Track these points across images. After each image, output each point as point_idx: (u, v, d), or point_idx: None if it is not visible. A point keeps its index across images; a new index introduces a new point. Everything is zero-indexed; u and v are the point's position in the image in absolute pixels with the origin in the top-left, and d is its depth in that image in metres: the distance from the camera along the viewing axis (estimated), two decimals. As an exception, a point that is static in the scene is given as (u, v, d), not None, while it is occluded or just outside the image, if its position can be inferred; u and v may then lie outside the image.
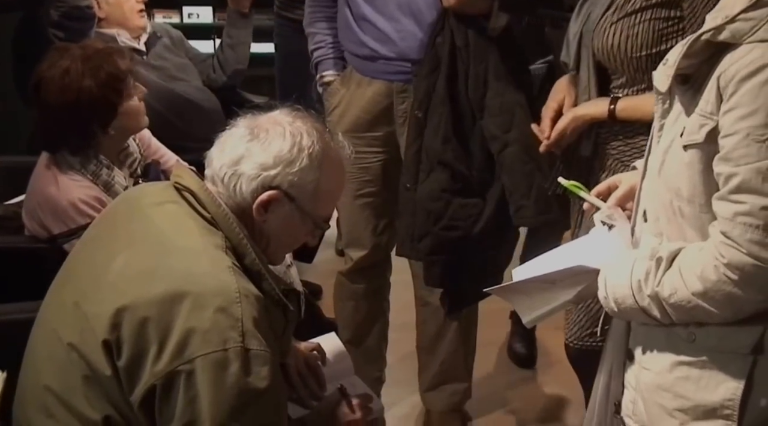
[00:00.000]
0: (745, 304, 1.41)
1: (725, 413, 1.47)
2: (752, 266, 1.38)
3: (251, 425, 1.50)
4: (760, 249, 1.37)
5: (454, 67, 2.39)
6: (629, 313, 1.54)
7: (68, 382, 1.53)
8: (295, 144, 1.62)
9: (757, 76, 1.36)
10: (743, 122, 1.37)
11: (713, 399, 1.47)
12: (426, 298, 2.76)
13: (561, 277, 1.62)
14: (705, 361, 1.48)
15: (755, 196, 1.37)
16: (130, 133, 2.38)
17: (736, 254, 1.39)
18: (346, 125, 2.60)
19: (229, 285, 1.51)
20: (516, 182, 2.42)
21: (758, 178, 1.36)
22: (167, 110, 3.02)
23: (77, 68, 2.21)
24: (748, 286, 1.39)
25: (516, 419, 2.96)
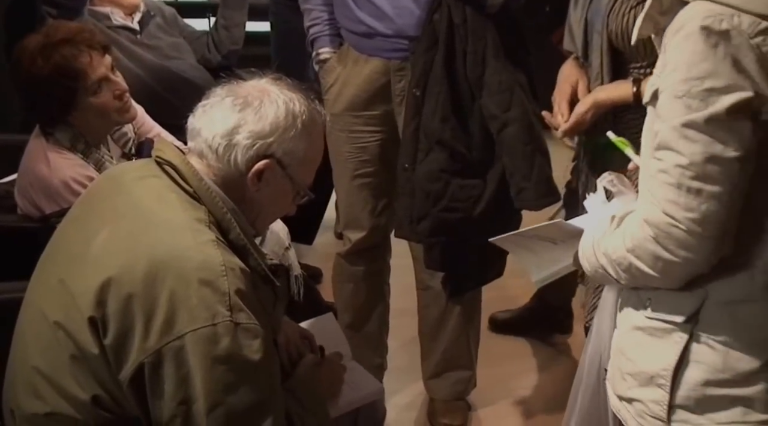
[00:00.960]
0: (670, 266, 1.39)
1: (660, 382, 1.48)
2: (667, 224, 1.37)
3: (248, 399, 1.48)
4: (673, 207, 1.36)
5: (452, 44, 2.34)
6: (596, 273, 1.55)
7: (56, 362, 1.52)
8: (289, 111, 1.60)
9: (680, 31, 1.34)
10: (668, 78, 1.36)
11: (653, 367, 1.48)
12: (427, 282, 2.70)
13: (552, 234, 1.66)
14: (653, 328, 1.49)
15: (671, 153, 1.36)
16: (108, 126, 2.33)
17: (654, 211, 1.38)
18: (342, 104, 2.55)
19: (213, 258, 1.49)
20: (516, 163, 2.37)
21: (674, 134, 1.35)
22: (162, 88, 2.98)
23: (33, 50, 2.19)
24: (666, 243, 1.38)
25: (522, 409, 2.90)
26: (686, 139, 1.33)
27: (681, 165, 1.34)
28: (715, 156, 1.32)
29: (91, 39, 2.24)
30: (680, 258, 1.37)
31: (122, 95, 2.28)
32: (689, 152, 1.33)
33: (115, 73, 2.28)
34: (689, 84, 1.32)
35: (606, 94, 2.10)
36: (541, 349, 3.22)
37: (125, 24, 2.99)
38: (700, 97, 1.31)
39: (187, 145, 1.65)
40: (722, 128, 1.31)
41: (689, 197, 1.34)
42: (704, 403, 1.45)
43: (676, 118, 1.33)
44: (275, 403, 1.54)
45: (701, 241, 1.35)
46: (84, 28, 2.31)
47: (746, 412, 1.42)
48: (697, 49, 1.32)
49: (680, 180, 1.34)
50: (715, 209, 1.33)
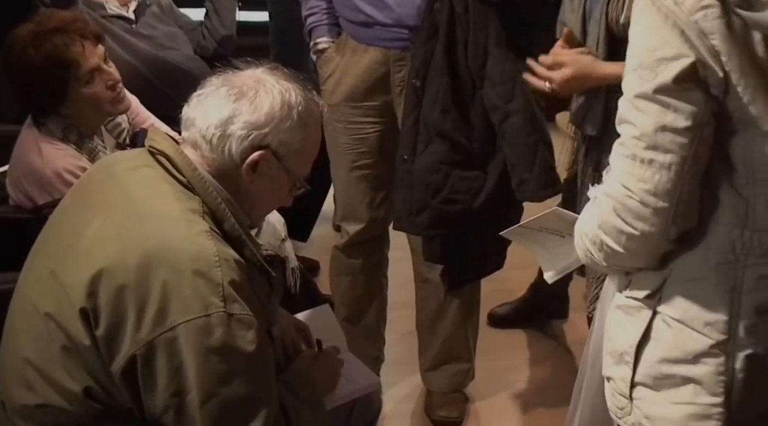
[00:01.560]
0: (630, 240, 1.39)
1: (626, 359, 1.49)
2: (623, 196, 1.38)
3: (242, 391, 1.47)
4: (628, 178, 1.37)
5: (453, 34, 2.30)
6: (587, 259, 1.54)
7: (47, 354, 1.50)
8: (285, 101, 1.58)
9: (637, 6, 1.36)
10: (628, 53, 1.38)
11: (623, 344, 1.50)
12: (425, 275, 2.68)
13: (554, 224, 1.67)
14: (627, 306, 1.50)
15: (627, 125, 1.38)
16: (101, 117, 2.30)
17: (613, 183, 1.39)
18: (341, 95, 2.51)
19: (207, 249, 1.47)
20: (518, 155, 2.34)
21: (628, 107, 1.36)
22: (157, 79, 2.94)
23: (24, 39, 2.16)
24: (624, 215, 1.38)
25: (520, 401, 2.88)
26: (638, 110, 1.34)
27: (635, 136, 1.35)
28: (665, 126, 1.33)
29: (84, 28, 2.21)
30: (638, 230, 1.38)
31: (115, 86, 2.24)
32: (641, 123, 1.34)
33: (108, 64, 2.25)
34: (642, 56, 1.34)
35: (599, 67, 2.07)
36: (539, 341, 3.20)
37: (120, 13, 2.95)
38: (650, 68, 1.32)
39: (181, 135, 1.62)
40: (671, 97, 1.32)
41: (642, 168, 1.35)
42: (660, 380, 1.46)
43: (631, 90, 1.35)
44: (269, 395, 1.53)
45: (655, 213, 1.36)
46: (77, 17, 2.28)
47: (697, 393, 1.43)
48: (649, 22, 1.33)
49: (634, 151, 1.35)
50: (667, 179, 1.34)
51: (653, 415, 1.47)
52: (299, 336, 2.00)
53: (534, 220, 1.66)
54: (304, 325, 2.03)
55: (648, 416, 1.48)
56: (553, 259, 1.71)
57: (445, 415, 2.74)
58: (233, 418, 1.47)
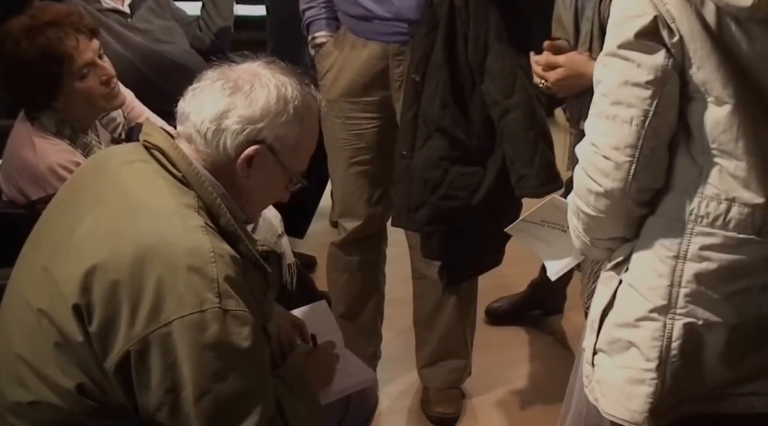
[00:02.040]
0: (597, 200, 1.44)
1: (594, 327, 1.55)
2: (591, 152, 1.43)
3: (236, 387, 1.46)
4: (594, 134, 1.43)
5: (453, 28, 2.28)
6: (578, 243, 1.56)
7: (40, 350, 1.49)
8: (281, 96, 1.56)
9: None
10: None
11: (594, 313, 1.55)
12: (423, 271, 2.66)
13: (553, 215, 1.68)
14: (605, 278, 1.54)
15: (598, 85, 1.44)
16: (95, 112, 2.27)
17: (584, 142, 1.46)
18: (339, 90, 2.49)
19: (202, 244, 1.45)
20: (518, 150, 2.32)
21: (599, 66, 1.43)
22: (153, 73, 2.91)
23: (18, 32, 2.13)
24: (592, 173, 1.43)
25: (517, 398, 2.87)
26: (606, 67, 1.41)
27: (603, 94, 1.41)
28: (627, 80, 1.37)
29: (79, 22, 2.18)
30: (602, 187, 1.42)
31: (109, 81, 2.22)
32: (607, 79, 1.40)
33: (103, 58, 2.22)
34: (614, 17, 1.40)
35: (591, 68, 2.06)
36: (536, 337, 3.19)
37: (115, 7, 2.92)
38: (618, 26, 1.39)
39: (177, 129, 1.61)
40: (634, 52, 1.36)
41: (606, 123, 1.40)
42: (612, 345, 1.51)
43: (603, 51, 1.42)
44: (264, 391, 1.52)
45: (617, 167, 1.40)
46: (72, 10, 2.25)
47: (634, 357, 1.47)
48: None
49: (601, 108, 1.41)
50: (628, 133, 1.38)
51: (602, 379, 1.51)
52: (295, 332, 1.99)
53: (534, 212, 1.67)
54: (300, 322, 2.01)
55: (599, 381, 1.52)
56: (556, 256, 1.71)
57: (441, 412, 2.73)
58: (228, 414, 1.46)
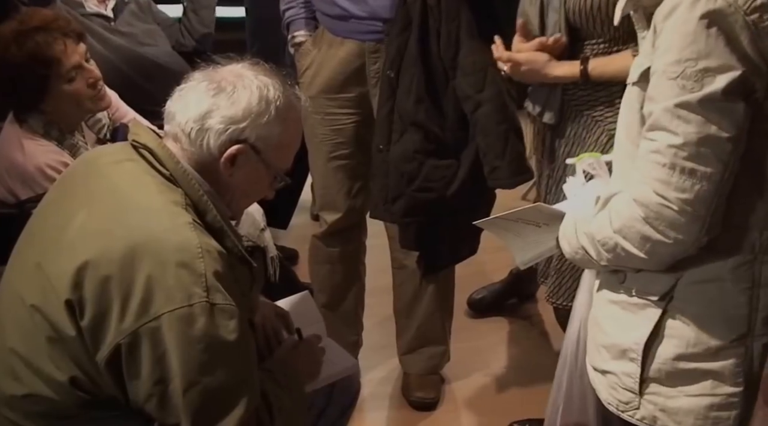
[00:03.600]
0: (658, 246, 1.41)
1: (632, 356, 1.51)
2: (657, 204, 1.38)
3: (223, 379, 1.50)
4: (665, 187, 1.37)
5: (426, 25, 2.36)
6: (577, 254, 1.56)
7: (33, 345, 1.53)
8: (263, 97, 1.60)
9: (674, 13, 1.35)
10: (661, 59, 1.37)
11: (626, 340, 1.52)
12: (402, 261, 2.74)
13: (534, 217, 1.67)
14: (627, 302, 1.52)
15: (664, 133, 1.37)
16: (82, 114, 2.33)
17: (644, 191, 1.39)
18: (318, 87, 2.57)
19: (190, 240, 1.50)
20: (490, 143, 2.39)
21: (667, 115, 1.36)
22: (137, 74, 2.97)
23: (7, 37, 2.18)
24: (656, 224, 1.39)
25: (495, 382, 2.96)
26: (680, 119, 1.34)
27: (674, 145, 1.34)
28: (709, 136, 1.33)
29: (66, 27, 2.24)
30: (670, 239, 1.39)
31: (96, 83, 2.28)
32: (683, 132, 1.34)
33: (90, 62, 2.28)
34: (683, 65, 1.33)
35: (551, 70, 2.11)
36: (513, 323, 3.28)
37: (99, 11, 2.99)
38: (694, 78, 1.32)
39: (164, 128, 1.66)
40: (717, 109, 1.33)
41: (682, 177, 1.35)
42: (675, 376, 1.49)
43: (670, 99, 1.34)
44: (250, 382, 1.56)
45: (692, 222, 1.37)
46: (59, 15, 2.31)
47: (716, 385, 1.47)
48: (689, 29, 1.32)
49: (673, 160, 1.35)
50: (707, 189, 1.35)
51: (671, 408, 1.50)
52: (280, 322, 2.04)
53: (513, 212, 1.67)
54: (285, 312, 2.07)
55: (665, 409, 1.50)
56: (526, 247, 1.72)
57: (421, 396, 2.81)
58: (215, 405, 1.51)
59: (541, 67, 2.11)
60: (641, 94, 1.44)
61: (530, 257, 1.74)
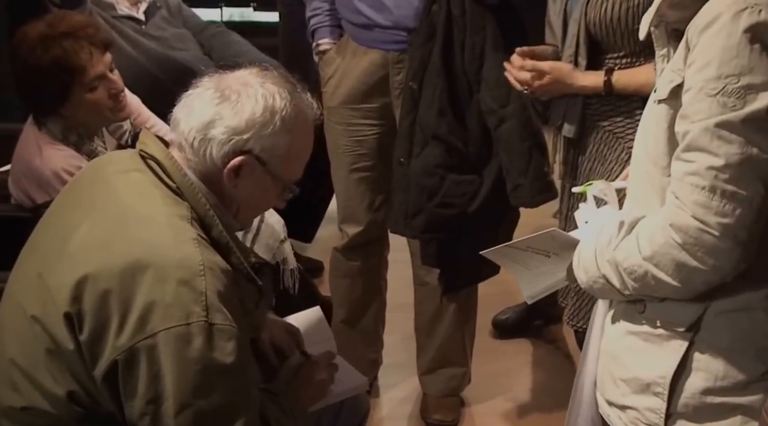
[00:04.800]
0: (694, 273, 1.33)
1: (657, 390, 1.43)
2: (696, 230, 1.30)
3: (218, 402, 1.46)
4: (704, 212, 1.29)
5: (450, 36, 2.31)
6: (596, 283, 1.48)
7: (32, 356, 1.50)
8: (268, 107, 1.55)
9: (713, 25, 1.28)
10: (698, 75, 1.29)
11: (649, 374, 1.44)
12: (423, 278, 2.68)
13: (546, 245, 1.59)
14: (649, 333, 1.44)
15: (703, 154, 1.29)
16: (100, 122, 2.31)
17: (681, 216, 1.31)
18: (340, 97, 2.53)
19: (192, 257, 1.46)
20: (513, 160, 2.33)
21: (706, 135, 1.28)
22: (168, 78, 2.94)
23: (33, 39, 2.17)
24: (694, 251, 1.31)
25: (516, 406, 2.87)
26: (721, 139, 1.26)
27: (715, 167, 1.27)
28: (751, 157, 1.27)
29: (94, 35, 2.22)
30: (708, 266, 1.31)
31: (118, 95, 2.26)
32: (725, 153, 1.26)
33: (113, 72, 2.26)
34: (724, 81, 1.26)
35: (575, 79, 2.06)
36: (536, 345, 3.19)
37: (130, 14, 2.97)
38: (736, 95, 1.26)
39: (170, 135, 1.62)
40: (760, 127, 1.26)
41: (723, 201, 1.28)
42: (703, 410, 1.41)
43: (710, 117, 1.28)
44: (247, 406, 1.51)
45: (733, 248, 1.29)
46: (89, 22, 2.28)
47: (745, 421, 1.39)
48: (730, 43, 1.26)
49: (714, 183, 1.27)
50: (748, 213, 1.28)
51: None
52: (290, 338, 1.99)
53: (524, 239, 1.59)
54: (295, 328, 2.01)
55: None
56: (535, 280, 1.65)
57: (440, 419, 2.74)
58: None
59: (565, 75, 2.06)
60: (670, 112, 1.37)
61: (539, 290, 1.66)
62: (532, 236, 1.57)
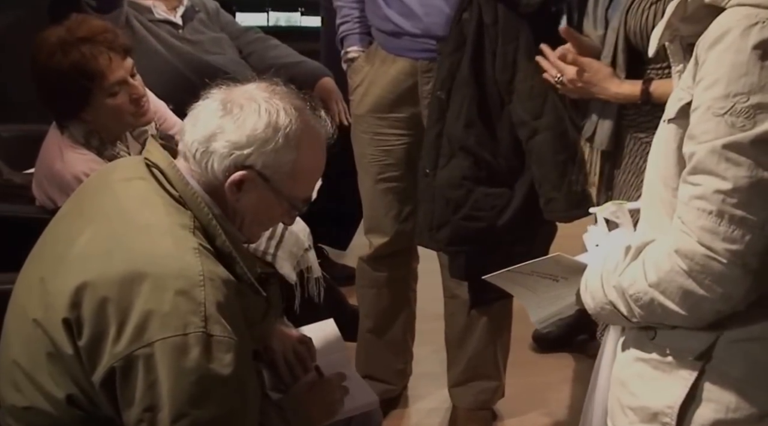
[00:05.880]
0: (702, 302, 1.26)
1: (665, 420, 1.36)
2: (703, 256, 1.23)
3: (214, 413, 1.45)
4: (711, 237, 1.22)
5: (481, 45, 2.24)
6: (603, 310, 1.42)
7: (34, 359, 1.52)
8: (271, 123, 1.53)
9: (721, 41, 1.21)
10: (706, 94, 1.22)
11: (657, 403, 1.37)
12: (453, 290, 2.62)
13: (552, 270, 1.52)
14: (658, 361, 1.37)
15: (710, 177, 1.22)
16: (122, 127, 2.29)
17: (687, 242, 1.24)
18: (367, 105, 2.48)
19: (192, 267, 1.45)
20: (545, 173, 2.26)
21: (713, 157, 1.21)
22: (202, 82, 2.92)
23: (53, 43, 2.16)
24: (701, 278, 1.24)
25: (551, 423, 2.80)
26: (729, 162, 1.20)
27: (722, 191, 1.21)
28: (762, 180, 1.20)
29: (113, 41, 2.20)
30: (716, 295, 1.25)
31: (139, 100, 2.24)
32: (733, 176, 1.21)
33: (135, 78, 2.25)
34: (732, 100, 1.20)
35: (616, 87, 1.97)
36: (580, 360, 3.10)
37: (167, 18, 2.97)
38: (745, 115, 1.19)
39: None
40: None
41: (731, 227, 1.22)
42: None
43: (718, 138, 1.21)
44: (243, 418, 1.50)
45: (742, 276, 1.23)
46: (107, 27, 2.26)
47: None
48: (740, 60, 1.19)
49: (721, 207, 1.21)
50: (758, 240, 1.21)
51: None
52: (302, 348, 1.96)
53: (528, 264, 1.53)
54: (307, 338, 1.99)
55: None
56: (543, 304, 1.58)
57: (468, 433, 2.67)
58: None
59: (602, 78, 1.98)
60: (679, 132, 1.30)
61: (547, 315, 1.59)
62: (536, 261, 1.52)
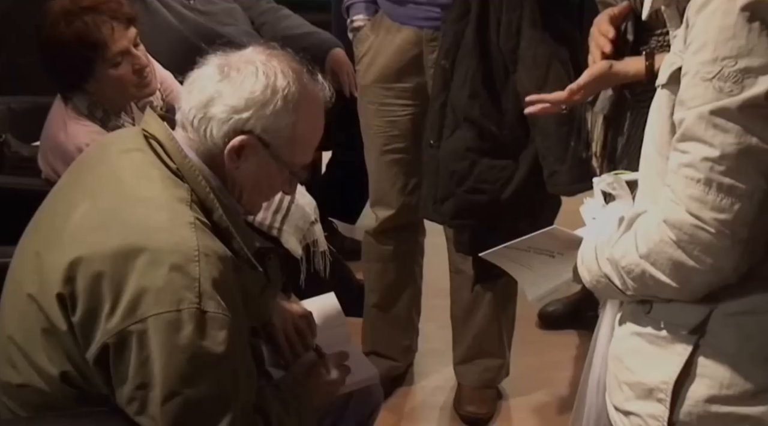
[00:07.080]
0: (692, 274, 1.23)
1: (659, 396, 1.33)
2: (691, 226, 1.20)
3: (206, 392, 1.43)
4: (699, 206, 1.19)
5: (485, 13, 2.19)
6: (599, 283, 1.39)
7: (29, 334, 1.50)
8: (269, 85, 1.51)
9: (710, 4, 1.17)
10: (694, 58, 1.18)
11: (652, 378, 1.34)
12: (458, 265, 2.59)
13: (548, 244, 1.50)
14: (654, 335, 1.34)
15: (698, 144, 1.19)
16: (125, 98, 2.27)
17: (676, 211, 1.22)
18: (373, 75, 2.45)
19: (187, 242, 1.43)
20: (549, 145, 2.21)
21: (701, 123, 1.18)
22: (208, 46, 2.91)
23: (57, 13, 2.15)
24: (690, 249, 1.21)
25: (556, 401, 2.76)
26: (717, 128, 1.18)
27: (710, 158, 1.18)
28: (750, 148, 1.17)
29: (117, 9, 2.18)
30: (706, 266, 1.22)
31: (142, 70, 2.22)
32: (721, 143, 1.18)
33: (138, 48, 2.23)
34: (720, 64, 1.17)
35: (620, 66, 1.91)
36: (586, 338, 2.97)
37: (178, -11, 2.95)
38: (733, 79, 1.16)
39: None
40: (759, 115, 1.16)
41: (719, 195, 1.19)
42: (708, 420, 1.31)
43: (705, 104, 1.18)
44: (236, 397, 1.47)
45: (731, 246, 1.20)
46: None
47: None
48: (727, 23, 1.16)
49: (709, 175, 1.19)
50: (748, 209, 1.18)
51: None
52: (303, 323, 1.94)
53: (524, 239, 1.50)
54: (308, 312, 1.97)
55: None
56: (539, 281, 1.56)
57: (473, 411, 2.64)
58: (195, 418, 1.43)
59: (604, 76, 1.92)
60: (671, 98, 1.27)
61: (544, 292, 1.57)
62: (532, 235, 1.48)
